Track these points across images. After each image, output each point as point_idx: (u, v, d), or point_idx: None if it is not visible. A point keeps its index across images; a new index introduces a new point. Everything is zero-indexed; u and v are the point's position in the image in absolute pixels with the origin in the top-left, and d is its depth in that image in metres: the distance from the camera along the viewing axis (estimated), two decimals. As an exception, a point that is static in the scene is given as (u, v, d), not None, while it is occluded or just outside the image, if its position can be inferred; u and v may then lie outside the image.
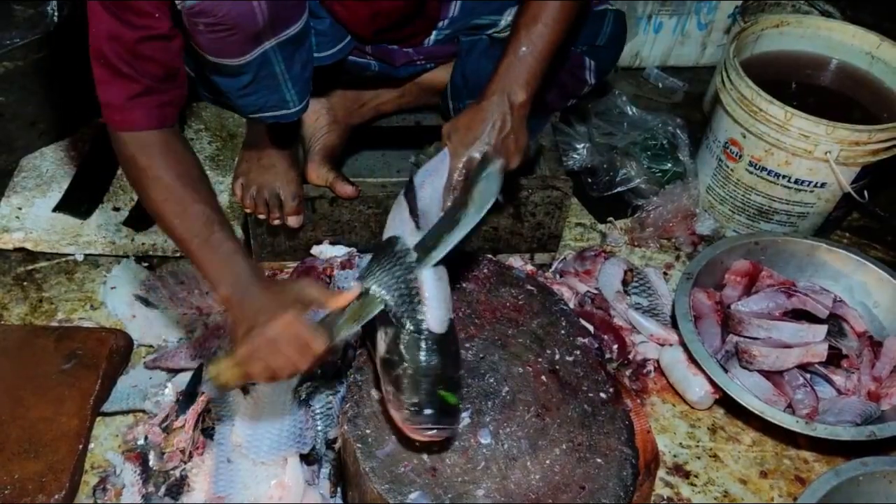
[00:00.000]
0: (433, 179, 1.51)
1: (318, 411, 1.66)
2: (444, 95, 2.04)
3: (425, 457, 1.37)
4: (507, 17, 2.00)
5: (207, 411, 1.70)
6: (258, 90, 1.64)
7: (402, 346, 1.34)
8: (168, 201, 1.46)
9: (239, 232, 2.08)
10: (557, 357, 1.56)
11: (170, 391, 1.76)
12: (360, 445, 1.37)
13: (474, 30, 2.01)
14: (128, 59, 1.41)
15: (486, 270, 1.69)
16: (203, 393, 1.70)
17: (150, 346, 1.92)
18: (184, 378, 1.79)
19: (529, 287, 1.68)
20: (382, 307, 1.37)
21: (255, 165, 1.92)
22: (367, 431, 1.39)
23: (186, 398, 1.72)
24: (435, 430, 1.31)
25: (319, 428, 1.65)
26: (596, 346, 1.60)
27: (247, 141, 2.00)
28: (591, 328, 1.80)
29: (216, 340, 1.88)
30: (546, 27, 1.58)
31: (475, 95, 1.96)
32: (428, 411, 1.30)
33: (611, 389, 1.52)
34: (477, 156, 1.50)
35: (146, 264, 2.09)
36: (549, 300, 1.67)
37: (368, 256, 1.72)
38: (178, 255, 2.08)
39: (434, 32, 1.93)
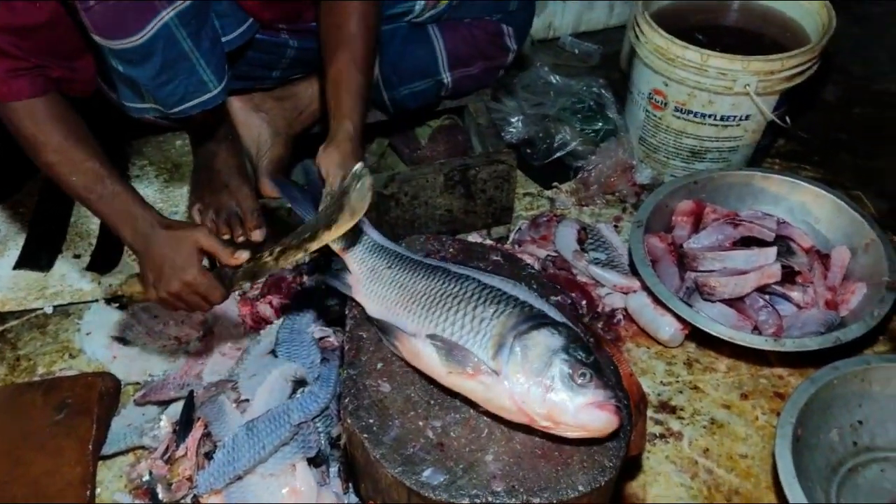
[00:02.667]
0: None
1: (314, 411, 1.63)
2: (376, 87, 2.02)
3: (430, 434, 1.35)
4: (420, 2, 2.00)
5: (206, 435, 1.65)
6: (174, 75, 1.60)
7: (583, 340, 1.32)
8: (61, 163, 1.53)
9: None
10: (535, 318, 1.55)
11: (165, 423, 1.72)
12: (366, 435, 1.34)
13: (391, 18, 2.00)
14: (13, 41, 1.46)
15: (451, 249, 1.67)
16: (199, 418, 1.67)
17: (137, 383, 1.87)
18: (176, 407, 1.75)
19: (496, 258, 1.67)
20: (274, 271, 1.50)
21: (208, 189, 1.88)
22: (371, 421, 1.36)
23: (183, 426, 1.68)
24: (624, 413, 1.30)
25: (321, 429, 1.62)
26: (569, 301, 1.60)
27: (195, 167, 1.96)
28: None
29: (199, 366, 1.84)
30: (357, 62, 1.66)
31: (406, 82, 1.97)
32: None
33: (591, 339, 1.51)
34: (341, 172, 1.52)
35: (117, 305, 2.03)
36: (517, 266, 1.65)
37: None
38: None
39: None
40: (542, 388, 1.24)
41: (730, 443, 1.74)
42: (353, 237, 1.50)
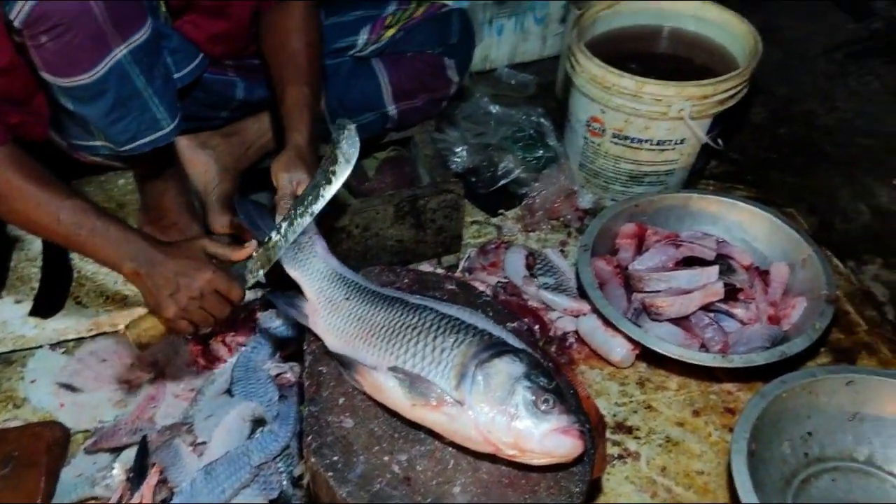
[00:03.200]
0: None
1: (275, 451, 1.59)
2: (324, 122, 2.01)
3: (397, 468, 1.33)
4: (363, 36, 2.02)
5: (162, 481, 1.60)
6: (126, 113, 1.57)
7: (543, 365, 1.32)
8: (39, 206, 1.44)
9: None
10: (493, 346, 1.54)
11: (118, 471, 1.66)
12: (331, 473, 1.31)
13: (335, 53, 2.00)
14: None
15: (406, 280, 1.66)
16: (154, 464, 1.62)
17: (87, 431, 1.80)
18: (129, 454, 1.69)
19: (450, 287, 1.66)
20: (283, 250, 1.50)
21: (157, 228, 1.84)
22: (335, 458, 1.34)
23: (137, 473, 1.62)
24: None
25: (282, 469, 1.58)
26: (525, 327, 1.60)
27: (142, 206, 1.92)
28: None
29: (152, 409, 1.79)
30: (302, 76, 1.67)
31: (352, 115, 1.98)
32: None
33: (550, 364, 1.52)
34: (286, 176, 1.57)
35: (62, 350, 1.96)
36: (472, 294, 1.65)
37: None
38: (92, 333, 1.97)
39: None
40: (506, 417, 1.24)
41: (686, 460, 1.76)
42: (311, 264, 1.50)
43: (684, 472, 1.74)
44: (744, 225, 2.15)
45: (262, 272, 1.51)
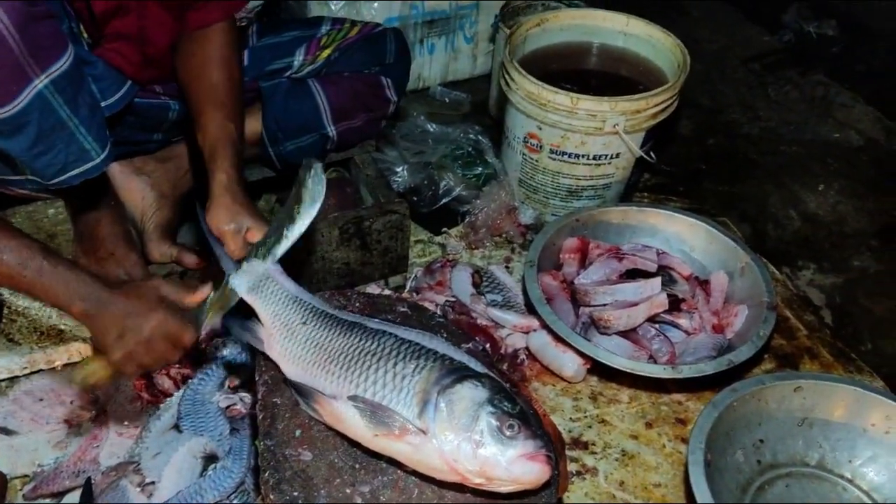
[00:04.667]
0: None
1: (229, 488, 1.50)
2: (262, 143, 1.93)
3: (359, 500, 1.26)
4: (299, 57, 1.97)
5: (109, 524, 1.50)
6: (51, 145, 1.44)
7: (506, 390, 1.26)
8: None
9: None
10: (450, 368, 1.49)
11: (61, 517, 1.55)
12: (292, 511, 1.24)
13: (271, 75, 1.93)
14: None
15: (357, 304, 1.59)
16: (99, 507, 1.51)
17: (25, 476, 1.67)
18: (73, 499, 1.58)
19: (402, 309, 1.60)
20: (240, 297, 1.41)
21: (93, 259, 1.74)
22: (295, 494, 1.26)
23: (82, 518, 1.51)
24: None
25: (238, 507, 1.50)
26: (480, 347, 1.55)
27: (76, 236, 1.80)
28: (464, 334, 1.75)
29: (95, 450, 1.67)
30: (224, 110, 1.60)
31: (291, 137, 1.90)
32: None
33: (508, 385, 1.47)
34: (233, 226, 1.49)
35: (-8, 392, 1.83)
36: (425, 316, 1.60)
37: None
38: (27, 371, 1.84)
39: None
40: (471, 444, 1.19)
41: (643, 473, 1.73)
42: (266, 287, 1.42)
43: (642, 485, 1.71)
44: (681, 236, 2.15)
45: (216, 319, 1.43)
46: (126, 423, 1.73)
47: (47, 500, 1.62)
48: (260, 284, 1.42)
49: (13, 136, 1.39)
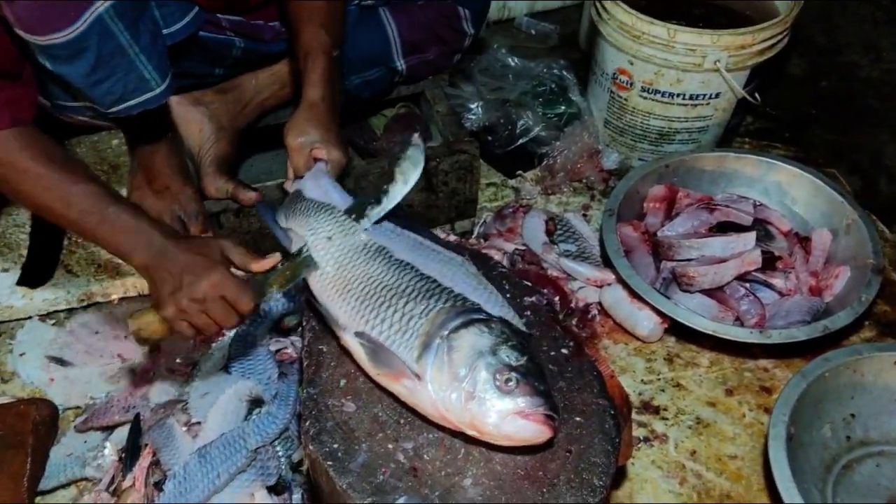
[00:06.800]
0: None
1: (272, 434, 1.50)
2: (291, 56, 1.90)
3: (402, 457, 1.23)
4: None
5: (155, 463, 1.52)
6: (110, 73, 1.45)
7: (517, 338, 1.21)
8: (48, 190, 1.35)
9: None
10: (510, 322, 1.44)
11: (110, 451, 1.59)
12: (331, 462, 1.22)
13: None
14: None
15: (416, 250, 1.55)
16: (147, 444, 1.53)
17: (78, 408, 1.72)
18: (122, 433, 1.61)
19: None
20: (315, 269, 1.35)
21: (148, 192, 1.74)
22: (336, 446, 1.24)
23: (130, 454, 1.54)
24: (558, 422, 1.18)
25: (281, 453, 1.50)
26: (544, 302, 1.49)
27: (133, 169, 1.82)
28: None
29: (146, 385, 1.70)
30: (342, 26, 1.63)
31: (357, 70, 1.86)
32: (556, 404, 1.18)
33: (570, 343, 1.41)
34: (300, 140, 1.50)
35: (52, 321, 1.88)
36: (487, 266, 1.54)
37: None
38: (84, 304, 1.88)
39: None
40: (462, 395, 1.15)
41: (717, 443, 1.66)
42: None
43: (716, 456, 1.64)
44: (783, 187, 2.04)
45: (284, 289, 1.38)
46: (178, 360, 1.75)
47: (97, 433, 1.66)
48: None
49: (72, 61, 1.41)
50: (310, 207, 1.42)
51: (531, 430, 1.14)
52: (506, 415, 1.13)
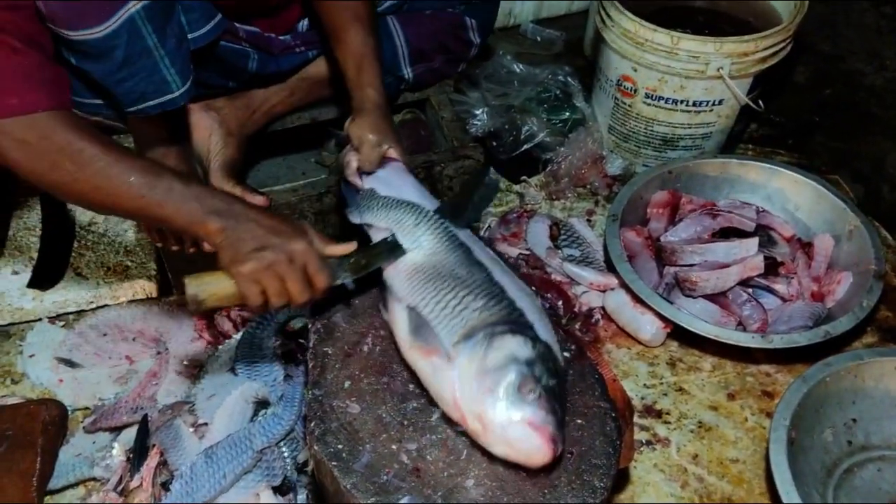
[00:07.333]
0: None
1: (278, 435, 1.52)
2: (332, 81, 1.93)
3: (405, 458, 1.25)
4: None
5: (162, 463, 1.54)
6: (135, 72, 1.48)
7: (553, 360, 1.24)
8: (109, 167, 1.28)
9: (153, 266, 1.92)
10: (513, 325, 1.46)
11: (118, 451, 1.60)
12: (335, 463, 1.24)
13: None
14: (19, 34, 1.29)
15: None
16: (154, 445, 1.55)
17: (86, 409, 1.74)
18: (130, 434, 1.63)
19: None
20: (396, 258, 1.40)
21: (157, 194, 1.76)
22: (340, 447, 1.26)
23: (138, 454, 1.56)
24: (562, 449, 1.20)
25: (286, 454, 1.51)
26: (547, 306, 1.51)
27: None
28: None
29: (153, 387, 1.72)
30: (368, 27, 1.64)
31: None
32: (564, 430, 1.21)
33: (573, 347, 1.43)
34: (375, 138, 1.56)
35: (62, 323, 1.90)
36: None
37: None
38: (93, 306, 1.90)
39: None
40: (483, 387, 1.18)
41: (719, 447, 1.67)
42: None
43: (717, 459, 1.65)
44: (786, 193, 2.05)
45: (354, 276, 1.39)
46: (185, 362, 1.77)
47: (105, 433, 1.68)
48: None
49: (100, 58, 1.44)
50: (392, 203, 1.49)
51: (534, 442, 1.15)
52: (516, 419, 1.15)
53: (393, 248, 1.42)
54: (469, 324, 1.24)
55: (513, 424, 1.15)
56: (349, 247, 1.38)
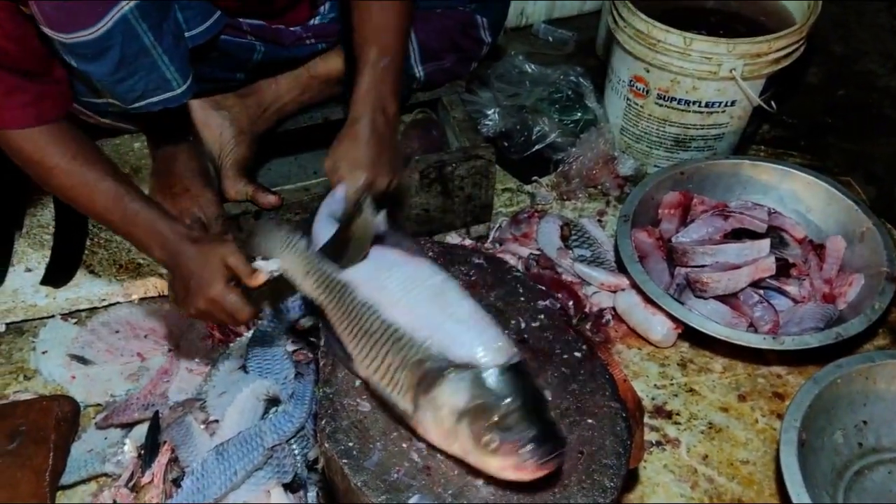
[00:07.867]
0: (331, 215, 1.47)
1: (289, 433, 1.53)
2: (346, 83, 1.92)
3: (416, 456, 1.25)
4: None
5: (173, 459, 1.55)
6: (134, 71, 1.49)
7: (492, 384, 1.18)
8: (75, 186, 1.46)
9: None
10: (523, 325, 1.46)
11: (129, 447, 1.61)
12: (346, 461, 1.24)
13: None
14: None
15: (430, 253, 1.58)
16: (165, 442, 1.56)
17: (98, 405, 1.75)
18: (141, 430, 1.64)
19: (478, 261, 1.57)
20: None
21: (168, 194, 1.77)
22: (350, 444, 1.27)
23: (149, 451, 1.57)
24: (558, 454, 1.16)
25: (297, 451, 1.52)
26: (558, 306, 1.51)
27: (154, 171, 1.85)
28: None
29: (164, 384, 1.73)
30: (396, 35, 1.56)
31: None
32: (550, 436, 1.16)
33: (583, 347, 1.43)
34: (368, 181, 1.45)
35: (74, 320, 1.91)
36: (501, 270, 1.57)
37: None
38: (105, 303, 1.92)
39: (319, 15, 1.86)
40: (461, 451, 1.19)
41: (730, 448, 1.67)
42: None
43: (728, 460, 1.65)
44: (798, 195, 2.04)
45: (270, 308, 1.51)
46: (197, 360, 1.78)
47: (117, 430, 1.69)
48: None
49: (96, 59, 1.44)
50: (279, 237, 1.44)
51: (528, 475, 1.15)
52: (500, 470, 1.16)
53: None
54: (406, 387, 1.22)
55: (503, 473, 1.16)
56: (262, 277, 1.41)
